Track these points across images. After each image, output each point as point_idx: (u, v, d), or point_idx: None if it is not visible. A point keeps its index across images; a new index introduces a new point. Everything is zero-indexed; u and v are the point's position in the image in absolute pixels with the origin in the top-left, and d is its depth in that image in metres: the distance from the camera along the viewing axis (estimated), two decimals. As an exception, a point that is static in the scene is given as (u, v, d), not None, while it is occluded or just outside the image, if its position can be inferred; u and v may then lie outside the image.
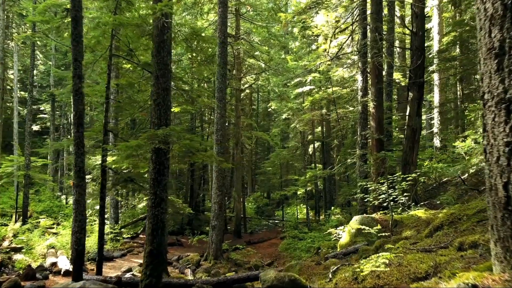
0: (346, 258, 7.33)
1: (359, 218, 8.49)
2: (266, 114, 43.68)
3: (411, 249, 4.43)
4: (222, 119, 14.20)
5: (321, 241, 15.90)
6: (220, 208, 14.01)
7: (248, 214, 29.65)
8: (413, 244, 4.86)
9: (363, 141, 12.91)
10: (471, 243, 3.42)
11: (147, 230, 6.70)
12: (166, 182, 6.85)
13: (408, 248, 4.48)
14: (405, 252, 3.97)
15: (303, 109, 24.63)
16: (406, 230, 7.51)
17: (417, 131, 11.95)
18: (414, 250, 4.24)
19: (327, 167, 23.19)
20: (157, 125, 6.78)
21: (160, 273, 6.57)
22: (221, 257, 13.91)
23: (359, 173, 12.67)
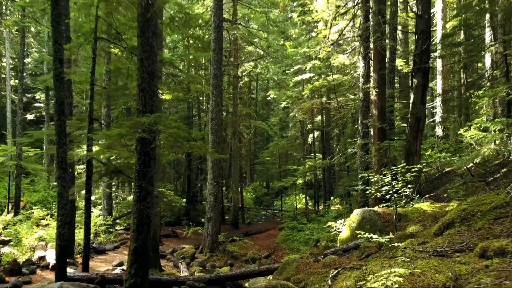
0: (347, 255, 6.85)
1: (360, 211, 8.00)
2: (265, 103, 43.08)
3: (421, 251, 3.92)
4: (218, 107, 13.64)
5: (320, 232, 15.46)
6: (216, 199, 13.54)
7: (247, 204, 29.26)
8: (422, 244, 4.36)
9: (364, 130, 12.35)
10: (497, 250, 2.91)
11: (132, 226, 6.21)
12: (152, 174, 6.33)
13: (417, 250, 3.98)
14: (415, 257, 3.46)
15: (302, 97, 24.01)
16: (410, 225, 7.02)
17: (421, 119, 11.39)
18: (425, 253, 3.73)
19: (327, 157, 22.69)
20: (141, 112, 6.23)
21: (145, 272, 6.09)
22: (217, 250, 13.49)
23: (360, 164, 12.15)
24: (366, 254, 6.23)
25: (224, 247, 14.51)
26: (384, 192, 8.03)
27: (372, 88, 11.89)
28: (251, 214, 27.40)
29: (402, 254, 4.25)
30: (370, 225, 7.62)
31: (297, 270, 6.56)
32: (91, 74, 8.50)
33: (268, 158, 27.89)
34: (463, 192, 8.55)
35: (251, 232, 18.91)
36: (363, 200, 11.64)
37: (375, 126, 11.56)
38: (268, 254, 14.95)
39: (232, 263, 13.06)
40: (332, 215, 16.28)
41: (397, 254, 4.56)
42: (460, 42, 17.23)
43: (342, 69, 20.95)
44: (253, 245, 16.28)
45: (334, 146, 26.78)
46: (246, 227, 21.54)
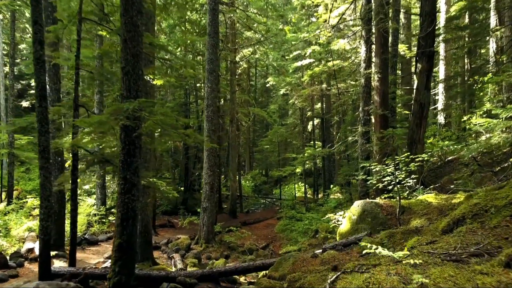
0: (347, 250, 6.44)
1: (361, 203, 7.57)
2: (264, 90, 42.44)
3: (430, 253, 3.48)
4: (213, 94, 13.12)
5: (319, 223, 15.11)
6: (212, 189, 13.12)
7: (245, 193, 28.93)
8: (431, 243, 3.92)
9: (365, 118, 11.86)
10: (528, 260, 2.49)
11: (116, 220, 5.78)
12: (137, 165, 5.87)
13: (426, 252, 3.54)
14: (426, 262, 3.02)
15: (302, 84, 23.44)
16: (415, 218, 6.59)
17: (425, 106, 10.90)
18: (436, 256, 3.30)
19: (327, 145, 22.24)
20: (126, 97, 5.74)
21: (131, 269, 5.68)
22: (213, 241, 13.13)
23: (361, 152, 11.71)
24: (368, 250, 5.80)
25: (221, 237, 14.16)
26: (386, 183, 7.60)
27: (374, 74, 11.36)
28: (250, 202, 27.07)
29: (408, 255, 3.81)
30: (372, 218, 7.21)
31: (293, 266, 6.16)
32: (75, 57, 7.97)
33: (267, 147, 27.44)
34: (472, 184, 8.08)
35: (249, 222, 18.57)
36: (364, 190, 11.23)
37: (376, 113, 11.08)
38: (266, 245, 14.61)
39: (228, 254, 12.72)
40: (331, 204, 15.90)
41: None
42: (465, 26, 16.62)
43: (342, 54, 20.34)
44: (251, 235, 15.94)
45: (334, 134, 26.30)
46: (244, 216, 21.20)
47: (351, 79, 19.66)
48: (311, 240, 14.12)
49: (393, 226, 6.87)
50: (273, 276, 6.24)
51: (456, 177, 10.92)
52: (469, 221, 4.44)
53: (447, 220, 4.86)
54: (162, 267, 7.95)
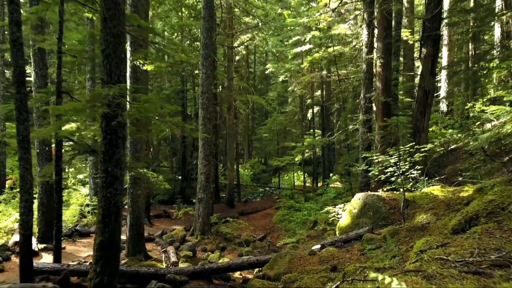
0: (347, 247, 6.03)
1: (363, 196, 7.13)
2: (263, 77, 41.76)
3: (443, 259, 3.04)
4: (209, 80, 12.58)
5: (318, 213, 14.74)
6: (208, 179, 12.69)
7: (244, 181, 28.55)
8: (442, 246, 3.48)
9: (367, 105, 11.35)
10: None
11: (97, 216, 5.33)
12: (120, 156, 5.39)
13: (438, 258, 3.09)
14: (441, 274, 2.57)
15: (301, 70, 22.85)
16: (420, 213, 6.16)
17: (430, 93, 10.39)
18: (451, 265, 2.85)
19: (327, 133, 21.76)
20: (107, 82, 5.24)
21: (114, 269, 5.25)
22: (208, 232, 12.75)
23: (362, 142, 11.23)
24: (370, 248, 5.39)
25: (217, 228, 13.78)
26: (389, 174, 7.15)
27: (376, 59, 10.82)
28: (248, 191, 26.72)
29: (416, 260, 3.37)
30: (373, 212, 6.78)
31: (289, 265, 5.75)
32: (57, 40, 7.43)
33: (266, 135, 26.95)
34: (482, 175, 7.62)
35: (247, 212, 18.20)
36: (365, 181, 10.79)
37: (379, 100, 10.57)
38: (263, 236, 14.25)
39: (224, 246, 12.36)
40: (330, 195, 15.51)
41: (409, 258, 3.69)
42: (470, 9, 15.97)
43: (343, 39, 19.69)
44: (248, 226, 15.57)
45: (334, 122, 25.78)
46: (242, 205, 20.84)
47: (352, 65, 19.07)
48: (309, 231, 13.74)
49: (396, 221, 6.45)
50: (267, 275, 5.84)
51: (462, 168, 10.48)
52: (483, 220, 4.00)
53: (458, 217, 4.41)
54: (151, 263, 7.55)
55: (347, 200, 14.35)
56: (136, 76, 9.56)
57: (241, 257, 11.65)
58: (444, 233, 4.54)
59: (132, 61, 9.26)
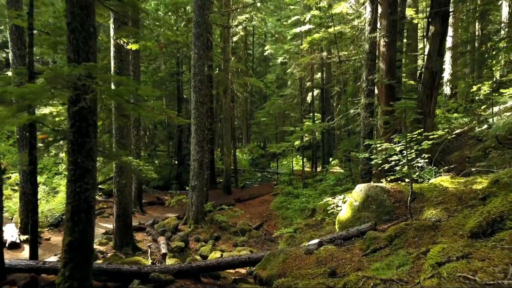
0: (347, 245, 5.45)
1: (365, 187, 6.52)
2: (262, 59, 40.81)
3: (468, 278, 2.43)
4: (201, 61, 11.83)
5: (317, 201, 14.20)
6: (201, 166, 12.08)
7: (242, 166, 28.01)
8: (464, 258, 2.87)
9: (369, 88, 10.65)
10: None
11: (66, 214, 4.73)
12: (92, 146, 4.76)
13: (461, 277, 2.49)
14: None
15: (301, 52, 21.98)
16: (429, 208, 5.55)
17: (437, 74, 9.70)
18: (482, 291, 2.25)
19: (326, 117, 21.08)
20: (73, 61, 4.55)
21: (86, 273, 4.68)
22: (202, 221, 12.23)
23: (363, 127, 10.58)
24: (373, 248, 4.81)
25: (211, 217, 13.25)
26: (393, 163, 6.53)
27: (380, 37, 10.05)
28: (246, 177, 26.20)
29: (432, 275, 2.77)
30: (377, 205, 6.18)
31: (284, 265, 5.17)
32: (28, 16, 6.70)
33: (264, 119, 26.22)
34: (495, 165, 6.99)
35: (243, 198, 17.67)
36: (366, 169, 10.18)
37: (382, 82, 9.86)
38: (260, 224, 13.75)
39: (219, 236, 11.85)
40: (330, 181, 14.94)
41: (423, 270, 3.09)
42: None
43: (344, 19, 18.79)
44: (244, 213, 15.05)
45: (334, 105, 25.04)
46: (239, 191, 20.32)
47: (354, 46, 18.22)
48: (308, 220, 13.22)
49: (401, 216, 5.86)
50: (259, 277, 5.28)
51: (470, 155, 9.86)
52: (509, 223, 3.39)
53: (477, 218, 3.79)
54: (135, 260, 7.00)
55: (347, 187, 13.80)
56: (121, 56, 8.84)
57: (235, 247, 11.17)
58: (460, 236, 3.94)
59: (116, 40, 8.53)
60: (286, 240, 11.16)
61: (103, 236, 10.04)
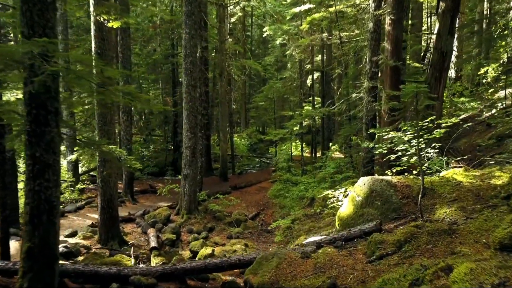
0: (349, 248, 4.83)
1: (369, 181, 5.87)
2: (261, 41, 39.75)
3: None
4: (193, 41, 11.04)
5: (316, 189, 13.62)
6: (194, 154, 11.43)
7: (240, 151, 27.40)
8: (501, 285, 2.23)
9: (373, 70, 9.88)
10: None
11: (25, 216, 4.10)
12: (53, 137, 4.08)
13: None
14: None
15: (300, 32, 21.05)
16: (441, 206, 4.92)
17: (448, 55, 8.96)
18: None
19: (327, 101, 20.33)
20: (27, 37, 3.84)
21: (49, 283, 4.07)
22: (195, 211, 11.65)
23: (366, 112, 9.87)
24: (379, 254, 4.18)
25: (206, 206, 12.68)
26: (400, 153, 5.87)
27: (386, 15, 9.25)
28: (244, 162, 25.62)
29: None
30: (382, 201, 5.54)
31: (277, 271, 4.57)
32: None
33: (262, 103, 25.43)
34: None
35: (240, 186, 17.09)
36: (368, 157, 9.51)
37: (387, 64, 9.12)
38: (256, 214, 13.19)
39: (213, 227, 11.29)
40: (330, 169, 14.31)
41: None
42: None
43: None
44: (240, 202, 14.48)
45: (334, 88, 24.25)
46: (236, 178, 19.74)
47: (356, 26, 17.33)
48: (306, 209, 12.66)
49: (410, 214, 5.22)
50: (250, 283, 4.68)
51: (481, 143, 9.21)
52: (552, 236, 2.74)
53: (508, 226, 3.15)
54: (116, 260, 6.41)
55: (347, 175, 13.18)
56: (102, 35, 8.06)
57: (230, 239, 10.62)
58: (484, 246, 3.31)
59: (96, 16, 7.75)
60: (283, 232, 10.61)
61: (88, 228, 9.46)
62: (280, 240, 9.95)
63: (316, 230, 9.80)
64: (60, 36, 12.91)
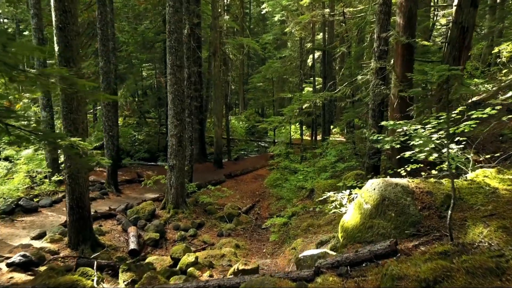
0: (356, 278, 3.76)
1: (380, 185, 4.77)
2: (260, 19, 38.09)
3: None
4: (177, 16, 9.75)
5: (315, 178, 12.55)
6: (180, 142, 10.31)
7: (238, 135, 26.30)
8: None
9: (381, 48, 8.63)
10: None
11: None
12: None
13: None
14: None
15: (301, 8, 19.58)
16: (475, 223, 3.83)
17: (469, 31, 7.69)
18: None
19: (328, 82, 19.04)
20: None
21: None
22: (183, 205, 10.63)
23: (373, 96, 8.68)
24: None
25: (196, 198, 11.66)
26: (417, 150, 4.76)
27: (398, -17, 7.96)
28: (241, 146, 24.53)
29: None
30: (397, 212, 4.46)
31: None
32: None
33: (260, 84, 24.10)
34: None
35: (235, 173, 16.06)
36: (375, 147, 8.36)
37: (399, 41, 7.88)
38: (251, 206, 12.18)
39: (202, 222, 10.30)
40: (330, 158, 13.20)
41: None
42: None
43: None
44: (235, 192, 13.47)
45: (336, 69, 22.92)
46: (232, 165, 18.69)
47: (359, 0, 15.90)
48: (305, 202, 11.63)
49: (433, 231, 4.14)
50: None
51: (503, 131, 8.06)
52: None
53: None
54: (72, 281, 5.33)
55: (350, 165, 12.10)
56: (64, 7, 6.82)
57: (220, 237, 9.64)
58: None
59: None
60: (279, 229, 9.60)
61: (59, 228, 8.42)
62: (275, 240, 8.95)
63: (316, 229, 8.78)
64: (32, 10, 11.61)
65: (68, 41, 6.97)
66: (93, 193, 12.06)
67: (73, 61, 7.05)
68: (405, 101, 8.17)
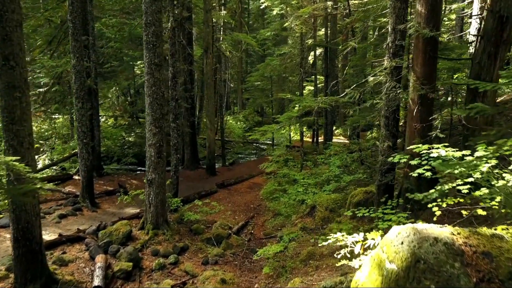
0: None
1: (409, 237, 3.32)
2: (259, 14, 36.61)
3: None
4: (155, 5, 8.30)
5: (317, 192, 11.12)
6: (160, 154, 8.87)
7: (236, 136, 24.90)
8: None
9: (397, 43, 7.17)
10: None
11: None
12: None
13: None
14: None
15: (301, 1, 18.15)
16: None
17: (509, 22, 6.23)
18: None
19: (331, 81, 17.63)
20: None
21: None
22: (164, 225, 9.21)
23: (386, 102, 7.22)
24: None
25: (181, 214, 10.24)
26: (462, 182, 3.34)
27: (419, -37, 6.48)
28: (238, 149, 23.11)
29: None
30: (439, 285, 3.00)
31: None
32: None
33: (258, 83, 22.61)
34: None
35: (229, 182, 14.61)
36: (389, 163, 6.87)
37: (421, 34, 6.41)
38: (244, 224, 10.74)
39: (186, 246, 8.86)
40: (334, 168, 11.73)
41: None
42: None
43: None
44: (226, 206, 12.04)
45: (339, 66, 21.44)
46: (227, 171, 17.26)
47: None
48: (305, 219, 10.22)
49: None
50: None
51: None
52: None
53: None
54: None
55: (357, 178, 10.67)
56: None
57: (205, 266, 8.20)
58: None
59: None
60: (274, 258, 8.17)
61: (9, 260, 6.99)
62: (269, 272, 7.51)
63: (317, 261, 7.34)
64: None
65: (6, 34, 5.55)
66: (65, 209, 10.67)
67: (13, 59, 5.62)
68: (427, 107, 6.73)
